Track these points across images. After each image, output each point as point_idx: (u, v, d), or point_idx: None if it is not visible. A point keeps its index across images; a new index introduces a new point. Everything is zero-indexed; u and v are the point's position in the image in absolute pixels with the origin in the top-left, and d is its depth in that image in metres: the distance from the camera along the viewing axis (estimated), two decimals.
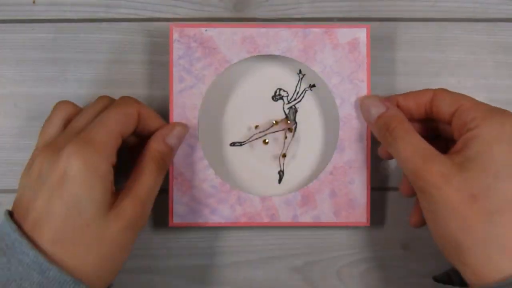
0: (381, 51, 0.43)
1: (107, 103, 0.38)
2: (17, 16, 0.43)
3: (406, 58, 0.43)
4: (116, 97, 0.38)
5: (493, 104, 0.35)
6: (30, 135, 0.42)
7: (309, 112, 0.43)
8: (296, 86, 0.42)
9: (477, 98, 0.34)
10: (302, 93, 0.42)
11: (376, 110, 0.38)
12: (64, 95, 0.43)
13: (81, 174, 0.32)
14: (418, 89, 0.39)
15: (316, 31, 0.41)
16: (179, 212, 0.41)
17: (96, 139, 0.34)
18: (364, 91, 0.41)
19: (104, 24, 0.43)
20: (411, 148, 0.35)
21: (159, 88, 0.43)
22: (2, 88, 0.43)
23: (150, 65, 0.43)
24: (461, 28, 0.44)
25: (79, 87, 0.43)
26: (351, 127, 0.41)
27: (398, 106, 0.39)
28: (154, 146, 0.37)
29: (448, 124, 0.37)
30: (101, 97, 0.39)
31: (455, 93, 0.37)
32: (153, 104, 0.43)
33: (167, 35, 0.41)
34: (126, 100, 0.38)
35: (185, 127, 0.40)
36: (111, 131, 0.35)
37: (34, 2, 0.43)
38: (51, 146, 0.34)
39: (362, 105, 0.40)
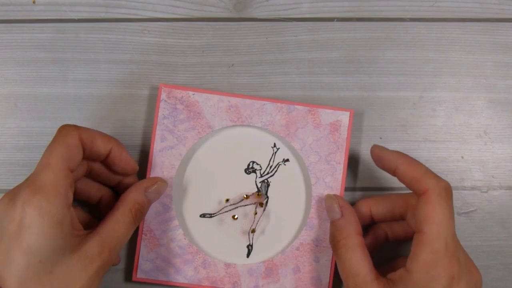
0: (381, 51, 0.43)
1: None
2: (17, 16, 0.43)
3: (406, 58, 0.43)
4: (117, 98, 0.37)
5: (492, 104, 0.35)
6: (30, 135, 0.43)
7: (281, 187, 0.42)
8: (270, 160, 0.42)
9: (477, 98, 0.33)
10: (275, 167, 0.42)
11: (332, 215, 0.39)
12: (64, 95, 0.43)
13: (37, 223, 0.32)
14: (417, 88, 0.38)
15: (300, 108, 0.41)
16: (143, 267, 0.40)
17: (46, 184, 0.33)
18: (339, 173, 0.41)
19: (104, 24, 0.43)
20: (346, 270, 0.36)
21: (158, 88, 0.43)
22: (2, 88, 0.43)
23: (150, 65, 0.43)
24: (461, 28, 0.44)
25: (79, 87, 0.43)
26: (323, 207, 0.41)
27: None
28: (135, 196, 0.38)
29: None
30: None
31: (425, 212, 0.34)
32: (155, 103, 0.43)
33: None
34: (64, 130, 0.35)
35: (165, 183, 0.40)
36: (58, 170, 0.33)
37: (34, 2, 0.43)
38: (10, 194, 0.34)
39: (325, 203, 0.40)
